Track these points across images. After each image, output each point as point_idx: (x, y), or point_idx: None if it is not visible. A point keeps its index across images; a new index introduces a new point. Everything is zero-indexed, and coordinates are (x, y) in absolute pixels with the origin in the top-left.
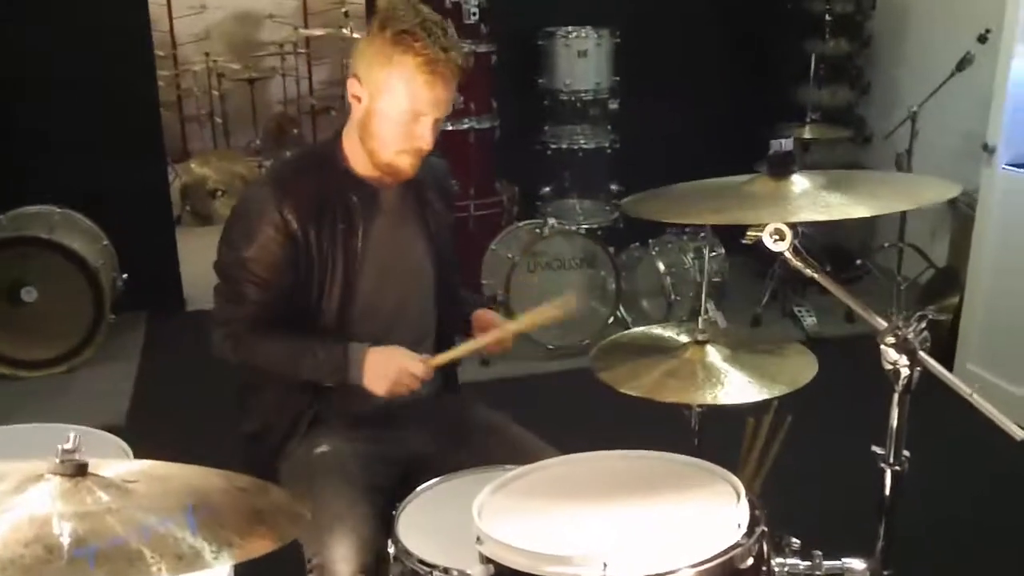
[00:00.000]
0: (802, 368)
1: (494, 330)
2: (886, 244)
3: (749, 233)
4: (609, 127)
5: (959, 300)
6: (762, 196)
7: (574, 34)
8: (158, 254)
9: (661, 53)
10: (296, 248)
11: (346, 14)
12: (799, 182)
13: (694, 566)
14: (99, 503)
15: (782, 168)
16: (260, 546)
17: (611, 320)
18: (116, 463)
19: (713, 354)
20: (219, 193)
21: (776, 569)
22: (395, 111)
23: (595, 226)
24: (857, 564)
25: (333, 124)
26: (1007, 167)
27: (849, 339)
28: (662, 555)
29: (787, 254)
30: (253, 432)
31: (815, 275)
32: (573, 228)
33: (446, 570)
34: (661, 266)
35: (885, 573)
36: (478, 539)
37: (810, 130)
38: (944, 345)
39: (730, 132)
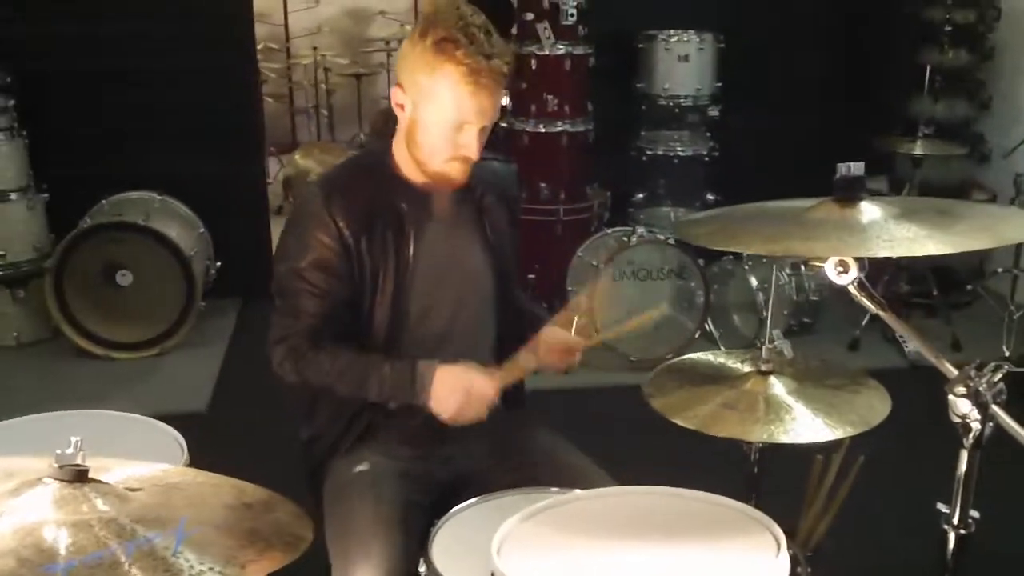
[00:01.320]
0: (874, 406)
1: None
2: (1000, 270)
3: (812, 263)
4: (708, 134)
5: None
6: (825, 224)
7: (676, 38)
8: (253, 242)
9: (766, 59)
10: (348, 256)
11: None
12: (868, 210)
13: None
14: (93, 512)
15: (849, 194)
16: (251, 571)
17: (698, 334)
18: (128, 467)
19: (777, 386)
20: None
21: None
22: (439, 120)
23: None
24: None
25: None
26: None
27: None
28: None
29: (851, 288)
30: (308, 438)
31: (880, 313)
32: (662, 237)
33: None
34: (754, 281)
35: None
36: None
37: (922, 145)
38: None
39: (837, 143)
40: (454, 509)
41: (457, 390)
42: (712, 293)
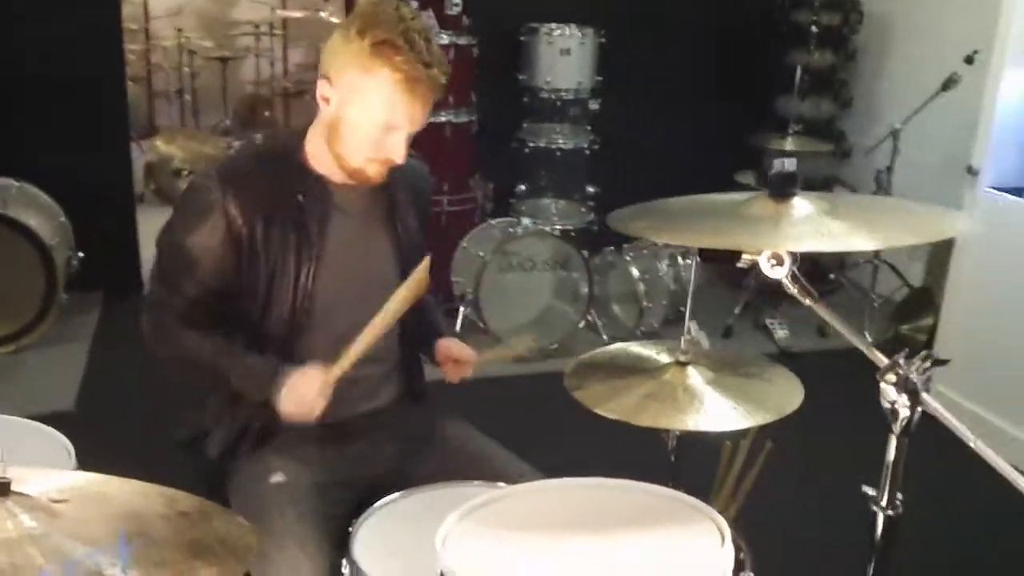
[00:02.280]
0: (789, 394)
1: (454, 365)
2: (862, 260)
3: (745, 256)
4: (588, 127)
5: (933, 322)
6: (762, 218)
7: (558, 32)
8: (117, 233)
9: (645, 56)
10: (239, 248)
11: None
12: (800, 205)
13: None
14: (20, 528)
15: (784, 189)
16: None
17: (582, 324)
18: (45, 477)
19: (695, 376)
20: (184, 173)
21: None
22: (367, 121)
23: (570, 228)
24: None
25: (307, 108)
26: (990, 189)
27: (822, 354)
28: None
29: (785, 281)
30: (187, 440)
31: (814, 304)
32: (547, 229)
33: None
34: (635, 272)
35: None
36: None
37: (792, 142)
38: None
39: (711, 139)
40: (376, 504)
41: (305, 390)
42: (595, 285)
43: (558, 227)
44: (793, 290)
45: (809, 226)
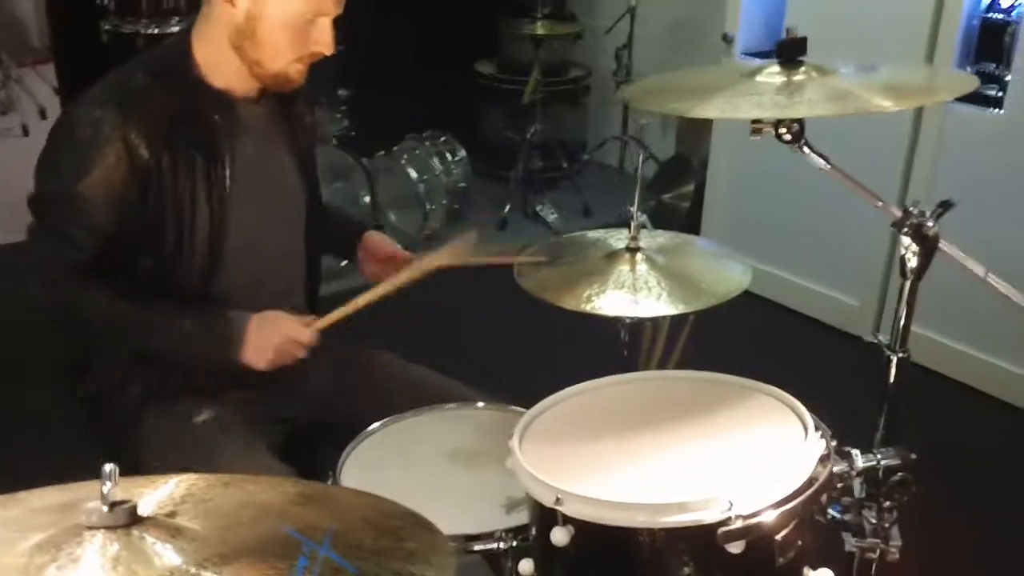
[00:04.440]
0: (735, 277)
1: (395, 274)
2: (610, 138)
3: (754, 126)
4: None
5: (694, 188)
6: (778, 87)
7: None
8: None
9: None
10: (147, 182)
11: None
12: (807, 72)
13: (793, 497)
14: (176, 569)
15: (795, 56)
16: None
17: None
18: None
19: (643, 263)
20: None
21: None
22: (290, 14)
23: (331, 136)
24: (889, 454)
25: None
26: (744, 56)
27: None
28: (774, 486)
29: (805, 148)
30: (91, 395)
31: (829, 167)
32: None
33: None
34: (413, 174)
35: (912, 456)
36: (557, 500)
37: (542, 26)
38: (685, 230)
39: (448, 28)
40: (362, 433)
41: (273, 338)
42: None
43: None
44: (811, 155)
45: (823, 91)
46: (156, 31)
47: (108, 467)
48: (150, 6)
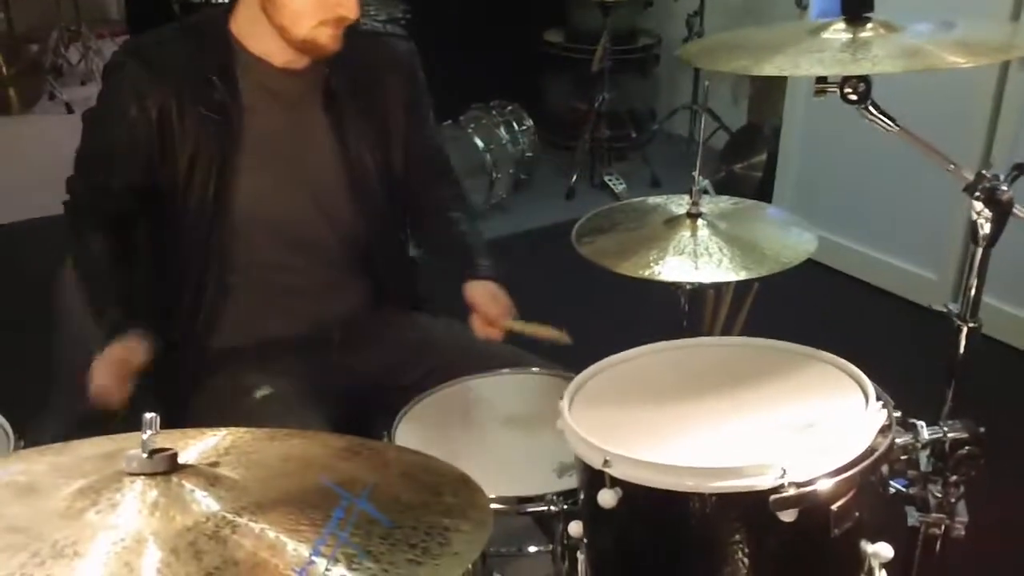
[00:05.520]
0: (800, 244)
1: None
2: (680, 107)
3: (818, 86)
4: None
5: (767, 157)
6: (843, 44)
7: None
8: None
9: None
10: (155, 131)
11: None
12: (875, 28)
13: (851, 467)
14: (213, 515)
15: (862, 11)
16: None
17: None
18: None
19: (704, 229)
20: None
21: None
22: None
23: None
24: (957, 427)
25: None
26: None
27: None
28: (831, 454)
29: (871, 109)
30: (170, 342)
31: (897, 130)
32: None
33: None
34: (480, 143)
35: (980, 430)
36: (605, 462)
37: None
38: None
39: None
40: (417, 396)
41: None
42: None
43: None
44: (873, 116)
45: (889, 48)
46: None
47: (148, 416)
48: None
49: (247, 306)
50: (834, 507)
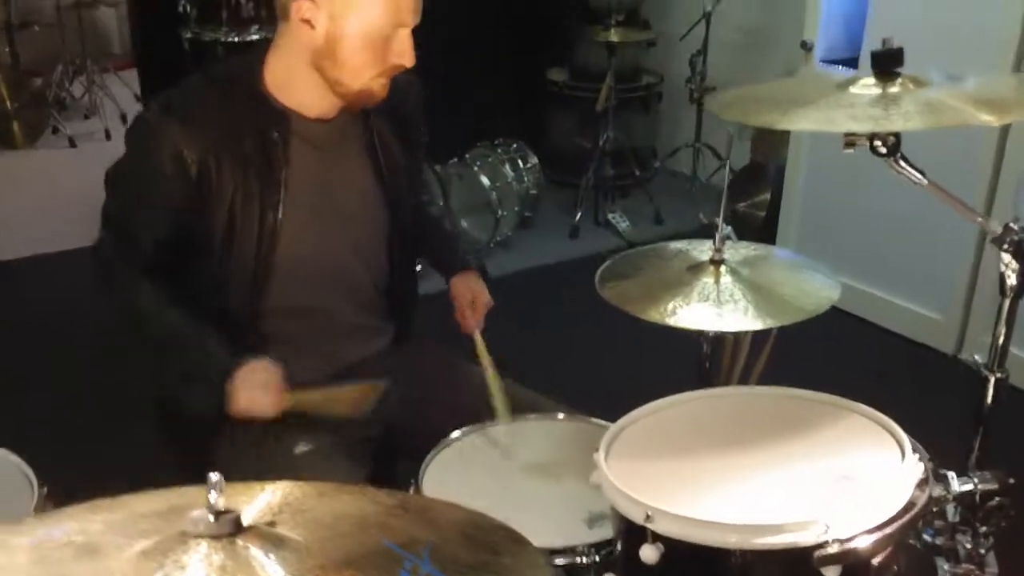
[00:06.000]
0: (822, 292)
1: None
2: (683, 145)
3: (847, 138)
4: None
5: (770, 196)
6: (873, 99)
7: None
8: None
9: None
10: (194, 188)
11: None
12: (903, 84)
13: (892, 522)
14: None
15: (891, 67)
16: None
17: None
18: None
19: (727, 276)
20: None
21: None
22: (369, 30)
23: None
24: (987, 478)
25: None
26: (823, 63)
27: (664, 239)
28: (872, 510)
29: (900, 162)
30: (163, 399)
31: (926, 182)
32: None
33: None
34: (485, 181)
35: (1011, 481)
36: (647, 517)
37: (616, 33)
38: (760, 240)
39: (521, 33)
40: (442, 442)
41: (256, 385)
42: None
43: None
44: (902, 169)
45: (918, 103)
46: (236, 39)
47: (214, 476)
48: (231, 15)
49: (282, 354)
50: (875, 562)
